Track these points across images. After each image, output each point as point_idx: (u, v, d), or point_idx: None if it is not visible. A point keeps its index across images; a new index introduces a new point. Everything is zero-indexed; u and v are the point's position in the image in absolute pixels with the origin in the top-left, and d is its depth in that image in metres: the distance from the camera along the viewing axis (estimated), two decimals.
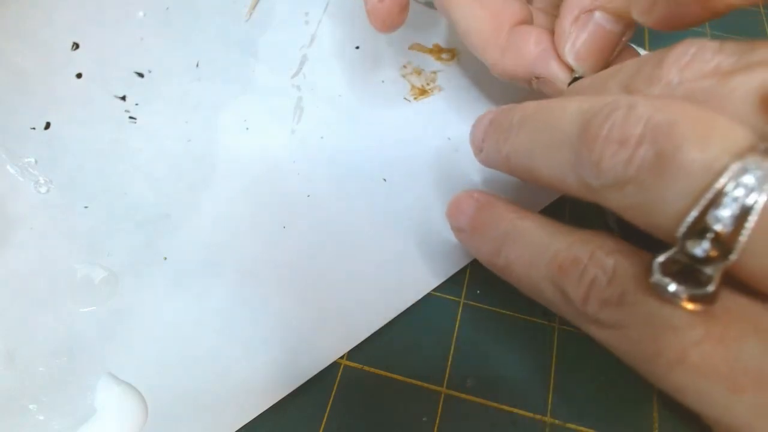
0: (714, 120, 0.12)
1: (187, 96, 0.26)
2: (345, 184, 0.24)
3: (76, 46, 0.27)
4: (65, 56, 0.27)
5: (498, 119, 0.18)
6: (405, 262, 0.22)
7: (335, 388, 0.20)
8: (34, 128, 0.25)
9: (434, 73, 0.28)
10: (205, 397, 0.19)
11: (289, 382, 0.19)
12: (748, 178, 0.11)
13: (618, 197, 0.14)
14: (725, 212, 0.11)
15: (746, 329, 0.12)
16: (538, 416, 0.19)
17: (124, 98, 0.26)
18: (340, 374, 0.20)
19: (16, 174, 0.23)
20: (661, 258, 0.13)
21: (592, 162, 0.14)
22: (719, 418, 0.13)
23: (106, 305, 0.21)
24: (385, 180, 0.24)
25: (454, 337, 0.21)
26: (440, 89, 0.27)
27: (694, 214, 0.12)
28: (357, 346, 0.20)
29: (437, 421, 0.19)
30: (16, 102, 0.25)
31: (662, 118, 0.13)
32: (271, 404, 0.19)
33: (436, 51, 0.29)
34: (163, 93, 0.26)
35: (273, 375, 0.20)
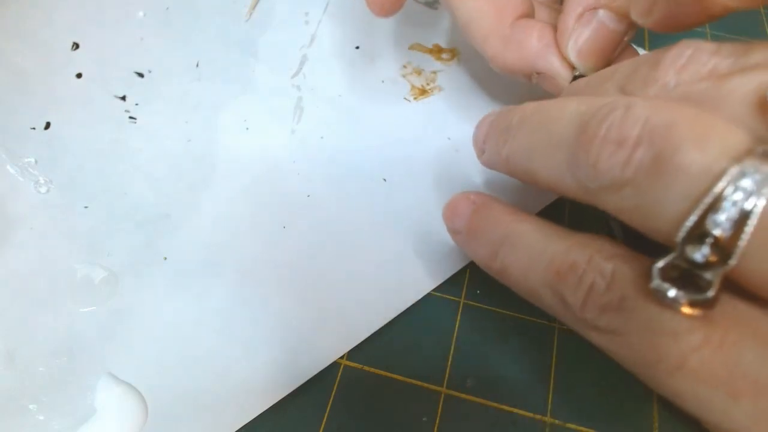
0: (712, 122, 0.12)
1: (187, 96, 0.26)
2: (345, 184, 0.24)
3: (76, 46, 0.27)
4: (65, 56, 0.27)
5: (498, 121, 0.18)
6: (405, 262, 0.22)
7: (335, 388, 0.20)
8: (34, 128, 0.25)
9: (434, 73, 0.28)
10: (205, 397, 0.19)
11: (289, 382, 0.19)
12: (746, 182, 0.11)
13: (615, 199, 0.13)
14: (724, 217, 0.11)
15: (745, 335, 0.12)
16: (538, 416, 0.19)
17: (124, 98, 0.26)
18: (340, 374, 0.20)
19: (16, 174, 0.23)
20: (661, 263, 0.13)
21: (589, 163, 0.14)
22: (719, 424, 0.12)
23: (106, 305, 0.21)
24: (385, 180, 0.24)
25: (454, 337, 0.21)
26: (440, 89, 0.27)
27: (693, 218, 0.12)
28: (357, 346, 0.20)
29: (437, 421, 0.19)
30: (16, 102, 0.25)
31: (660, 120, 0.13)
32: (271, 404, 0.19)
33: (436, 51, 0.29)
34: (163, 93, 0.26)
35: (273, 375, 0.20)
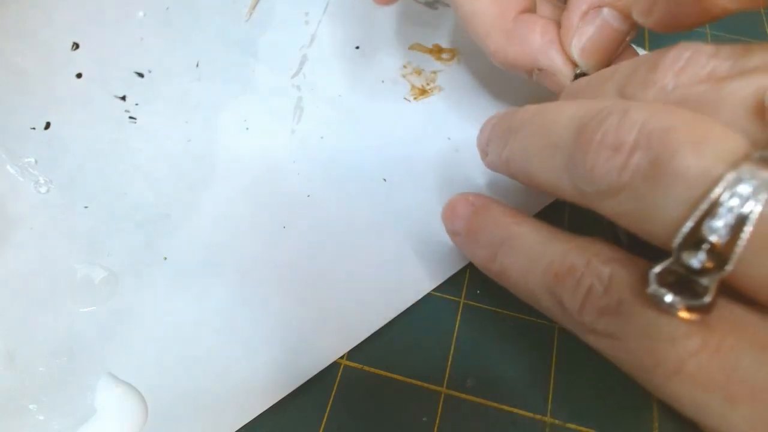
0: (709, 126, 0.12)
1: (187, 96, 0.26)
2: (345, 184, 0.24)
3: (76, 46, 0.27)
4: (65, 56, 0.27)
5: (500, 123, 0.18)
6: (405, 262, 0.22)
7: (335, 388, 0.20)
8: (34, 128, 0.25)
9: (434, 73, 0.28)
10: (205, 397, 0.19)
11: (289, 382, 0.19)
12: (743, 188, 0.11)
13: (612, 204, 0.13)
14: (721, 223, 0.11)
15: (742, 339, 0.12)
16: (538, 416, 0.19)
17: (124, 98, 0.26)
18: (340, 374, 0.20)
19: (16, 174, 0.23)
20: (657, 268, 0.13)
21: (586, 168, 0.14)
22: (716, 428, 0.12)
23: (106, 305, 0.21)
24: (385, 180, 0.24)
25: (454, 337, 0.21)
26: (440, 89, 0.27)
27: (689, 224, 0.12)
28: (357, 346, 0.20)
29: (437, 421, 0.19)
30: (16, 102, 0.25)
31: (657, 124, 0.12)
32: (271, 404, 0.19)
33: (436, 51, 0.29)
34: (163, 93, 0.26)
35: (273, 375, 0.20)
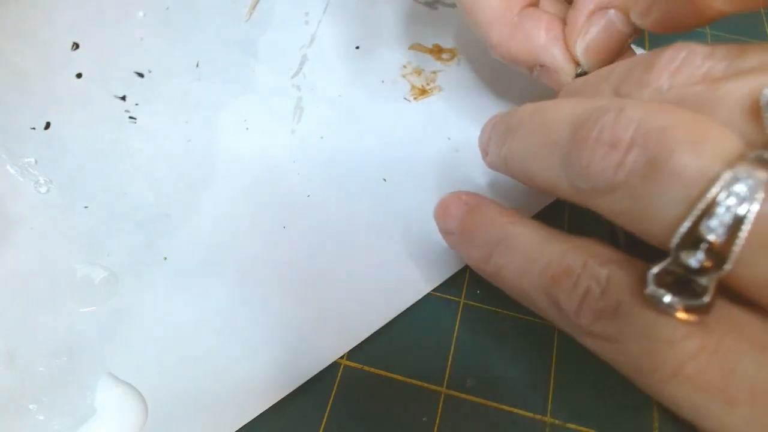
0: (706, 125, 0.12)
1: (187, 96, 0.26)
2: (345, 184, 0.24)
3: (76, 46, 0.27)
4: (65, 56, 0.27)
5: (499, 123, 0.18)
6: (405, 261, 0.22)
7: (335, 388, 0.20)
8: (34, 128, 0.25)
9: (434, 73, 0.28)
10: (205, 397, 0.19)
11: (289, 382, 0.19)
12: (740, 187, 0.11)
13: (608, 202, 0.13)
14: (718, 222, 0.11)
15: (740, 340, 0.12)
16: (538, 416, 0.19)
17: (124, 98, 0.26)
18: (340, 374, 0.20)
19: (16, 174, 0.23)
20: (656, 269, 0.13)
21: (582, 165, 0.14)
22: (715, 431, 0.12)
23: (106, 305, 0.21)
24: (385, 180, 0.24)
25: (454, 337, 0.21)
26: (440, 89, 0.27)
27: (687, 224, 0.12)
28: (357, 346, 0.20)
29: (437, 421, 0.19)
30: (16, 102, 0.25)
31: (654, 123, 0.12)
32: (271, 404, 0.19)
33: (436, 51, 0.29)
34: (163, 93, 0.26)
35: (273, 375, 0.20)
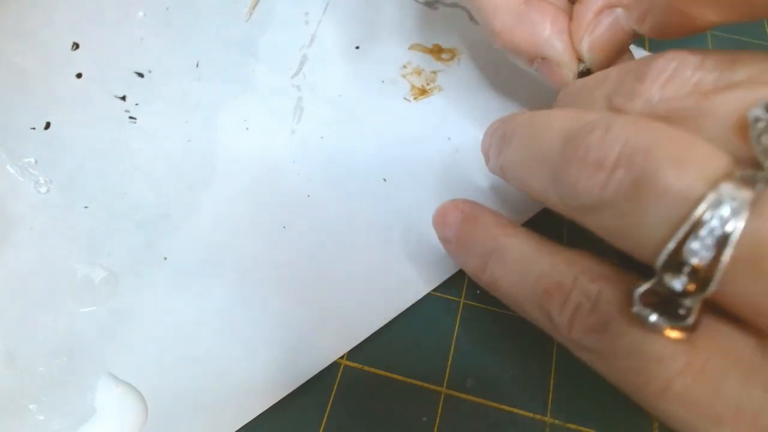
0: (691, 144, 0.12)
1: (187, 96, 0.26)
2: (345, 184, 0.24)
3: (76, 46, 0.27)
4: (65, 56, 0.27)
5: (498, 129, 0.18)
6: (405, 261, 0.22)
7: (335, 388, 0.20)
8: (34, 128, 0.25)
9: (434, 73, 0.28)
10: (205, 397, 0.19)
11: (289, 382, 0.19)
12: (724, 209, 0.11)
13: (596, 219, 0.13)
14: (702, 245, 0.11)
15: (726, 359, 0.12)
16: (538, 416, 0.19)
17: (124, 98, 0.26)
18: (340, 374, 0.20)
19: (16, 174, 0.23)
20: (642, 288, 0.13)
21: (570, 183, 0.14)
22: None
23: (106, 305, 0.21)
24: (385, 180, 0.24)
25: (454, 337, 0.21)
26: (440, 89, 0.27)
27: (670, 246, 0.12)
28: (357, 346, 0.20)
29: (437, 421, 0.19)
30: (16, 102, 0.25)
31: (639, 142, 0.12)
32: (271, 404, 0.19)
33: (436, 51, 0.29)
34: (163, 93, 0.26)
35: (273, 375, 0.20)
